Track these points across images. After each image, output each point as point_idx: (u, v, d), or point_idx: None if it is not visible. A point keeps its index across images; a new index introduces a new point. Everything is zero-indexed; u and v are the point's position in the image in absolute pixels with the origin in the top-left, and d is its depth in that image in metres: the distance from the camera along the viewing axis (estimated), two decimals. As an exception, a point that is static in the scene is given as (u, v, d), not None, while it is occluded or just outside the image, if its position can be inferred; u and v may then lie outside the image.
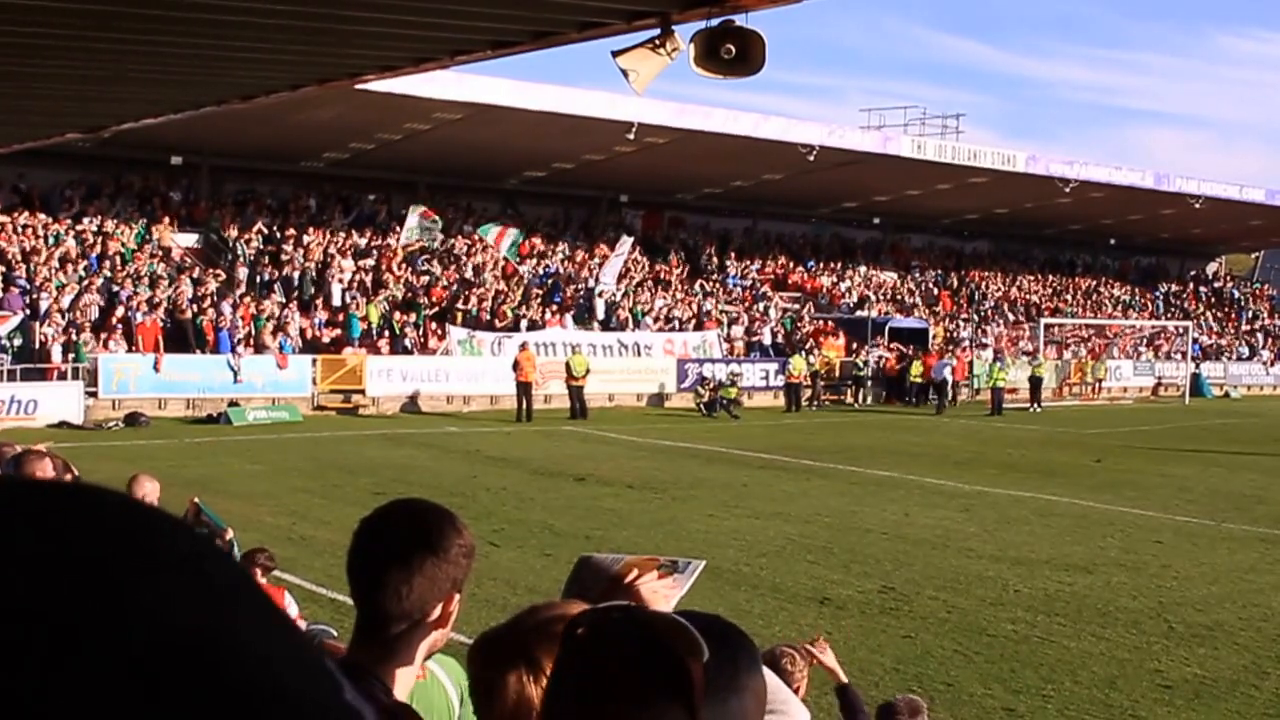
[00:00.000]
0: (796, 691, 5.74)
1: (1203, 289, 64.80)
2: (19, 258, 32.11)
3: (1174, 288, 63.57)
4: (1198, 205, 51.25)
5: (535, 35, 6.80)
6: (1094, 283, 60.76)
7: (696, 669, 1.56)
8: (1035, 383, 41.72)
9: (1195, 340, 53.35)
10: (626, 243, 40.60)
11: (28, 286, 31.01)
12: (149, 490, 9.18)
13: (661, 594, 2.73)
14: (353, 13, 6.49)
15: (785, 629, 11.28)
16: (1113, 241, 62.05)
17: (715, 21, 6.02)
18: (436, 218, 36.77)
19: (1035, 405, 40.93)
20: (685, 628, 1.60)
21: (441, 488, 19.67)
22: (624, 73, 6.34)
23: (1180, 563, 15.30)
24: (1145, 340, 54.28)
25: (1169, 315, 58.05)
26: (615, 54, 6.39)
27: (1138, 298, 60.78)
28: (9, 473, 6.78)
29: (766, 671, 1.92)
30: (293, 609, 7.94)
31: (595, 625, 1.64)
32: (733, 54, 5.90)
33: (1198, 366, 51.55)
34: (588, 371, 33.80)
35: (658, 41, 6.25)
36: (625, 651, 1.58)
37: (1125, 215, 55.17)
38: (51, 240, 33.45)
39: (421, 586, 2.35)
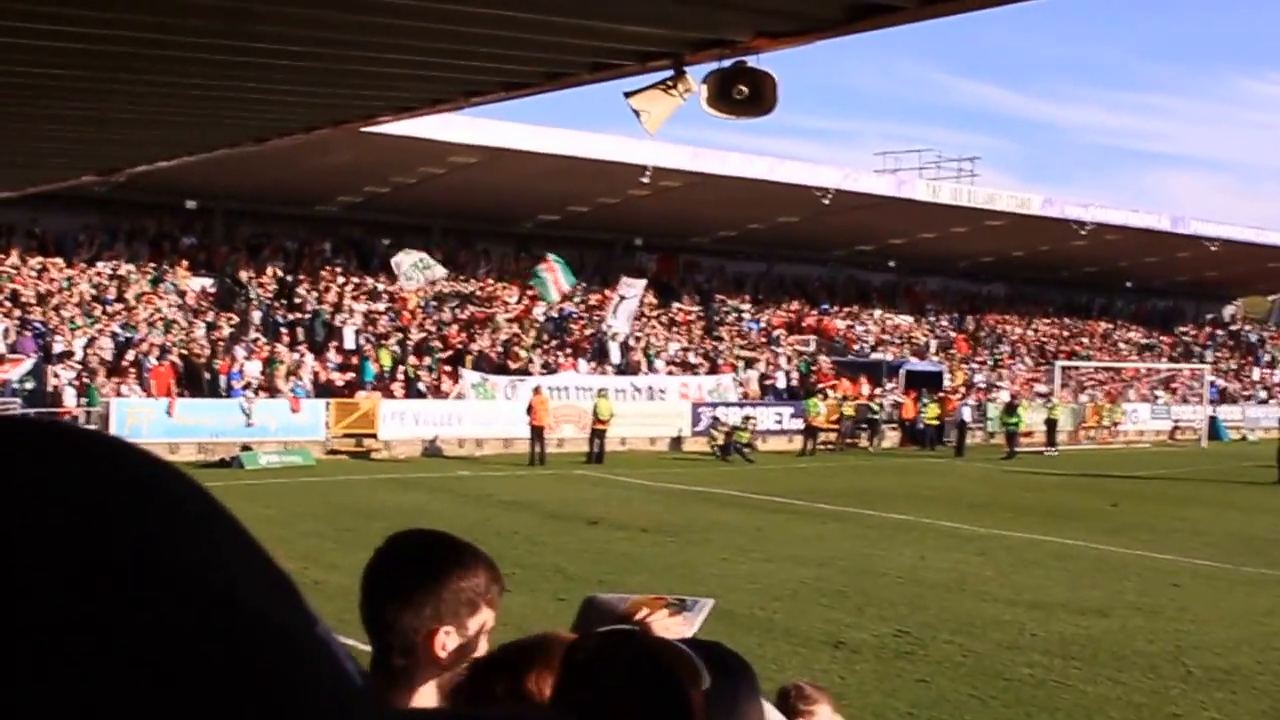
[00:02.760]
0: None
1: (1219, 332, 64.59)
2: (33, 301, 32.24)
3: (1190, 331, 63.38)
4: (1214, 248, 51.17)
5: (548, 76, 6.82)
6: (1110, 326, 60.62)
7: (697, 696, 1.54)
8: (1051, 425, 41.55)
9: (1213, 383, 53.10)
10: (639, 285, 40.61)
11: (42, 330, 31.12)
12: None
13: (672, 631, 2.71)
14: (366, 54, 6.52)
15: (799, 674, 11.16)
16: (1129, 284, 61.94)
17: (727, 63, 6.03)
18: (424, 256, 36.70)
19: (1051, 448, 40.74)
20: (687, 655, 1.58)
21: (453, 531, 19.55)
22: (636, 113, 6.34)
23: (1198, 606, 15.15)
24: (1162, 383, 54.06)
25: (1185, 359, 57.85)
26: (628, 95, 6.40)
27: (1155, 340, 60.60)
28: None
29: (766, 704, 1.90)
30: None
31: (597, 650, 1.62)
32: (745, 94, 5.90)
33: (1215, 410, 51.29)
34: (612, 416, 33.76)
35: (670, 82, 6.26)
36: (626, 677, 1.56)
37: (1142, 258, 55.09)
38: (65, 284, 33.60)
39: (405, 619, 2.31)
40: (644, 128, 6.29)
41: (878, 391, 43.01)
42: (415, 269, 36.35)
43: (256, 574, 0.59)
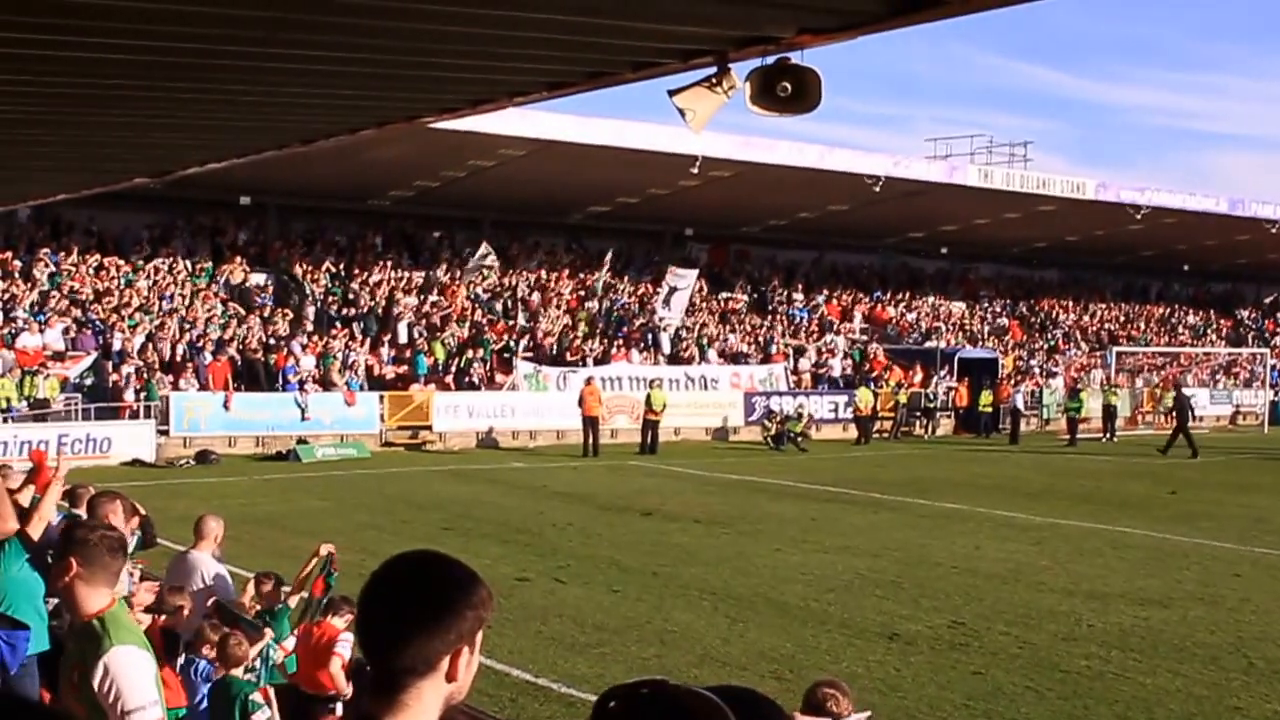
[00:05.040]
0: None
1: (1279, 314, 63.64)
2: (91, 298, 32.67)
3: (1250, 314, 62.52)
4: (1274, 230, 50.42)
5: (591, 75, 6.81)
6: (1167, 310, 59.91)
7: None
8: (1108, 412, 41.14)
9: (1274, 367, 52.35)
10: (690, 275, 40.58)
11: (101, 327, 31.54)
12: (215, 529, 9.30)
13: None
14: (410, 58, 6.55)
15: (852, 665, 11.16)
16: (1186, 268, 61.16)
17: (771, 59, 5.99)
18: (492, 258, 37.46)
19: (1108, 435, 40.35)
20: (714, 704, 1.60)
21: (508, 524, 19.72)
22: (681, 112, 6.31)
23: (1260, 596, 14.98)
24: (1222, 368, 53.36)
25: (1245, 342, 57.04)
26: (671, 93, 6.37)
27: (1213, 324, 59.85)
28: None
29: None
30: (346, 645, 8.13)
31: (627, 700, 1.65)
32: (788, 91, 5.86)
33: (1277, 394, 50.57)
34: (665, 407, 33.80)
35: (714, 80, 6.22)
36: None
37: (1199, 241, 54.34)
38: (123, 281, 34.01)
39: (421, 641, 2.36)
40: (689, 126, 6.27)
41: (932, 379, 42.77)
42: (481, 260, 37.02)
43: None
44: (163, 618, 8.13)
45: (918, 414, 41.52)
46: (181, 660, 7.71)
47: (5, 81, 7.17)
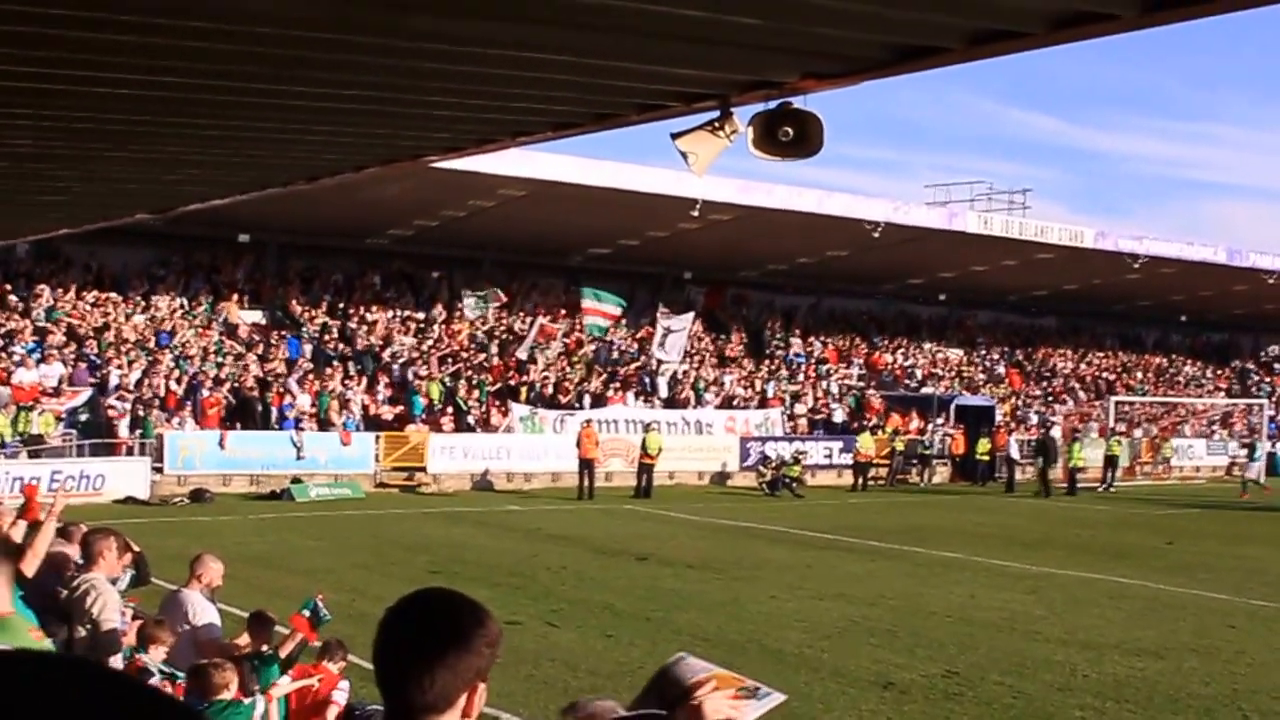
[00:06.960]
0: None
1: (1278, 365, 63.69)
2: (89, 334, 32.63)
3: (1248, 365, 62.56)
4: (1271, 280, 50.53)
5: (595, 117, 6.85)
6: (1164, 360, 59.96)
7: None
8: (1110, 461, 41.04)
9: (1272, 419, 52.33)
10: (685, 318, 40.60)
11: (97, 363, 31.48)
12: (214, 570, 9.21)
13: (725, 710, 2.79)
14: (415, 96, 6.58)
15: (845, 714, 11.08)
16: (1184, 318, 61.27)
17: (773, 104, 6.02)
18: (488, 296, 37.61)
19: (1104, 485, 40.29)
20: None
21: (500, 567, 19.62)
22: (683, 155, 6.33)
23: (1255, 648, 14.91)
24: (1219, 419, 53.33)
25: (1242, 393, 57.03)
26: (674, 136, 6.40)
27: (1210, 375, 59.89)
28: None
29: None
30: (343, 693, 8.01)
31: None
32: (790, 136, 5.89)
33: (1274, 445, 50.51)
34: (660, 450, 33.72)
35: (717, 124, 6.25)
36: None
37: (1197, 291, 54.46)
38: (121, 317, 33.98)
39: (444, 678, 2.37)
40: (691, 170, 6.29)
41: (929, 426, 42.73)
42: (480, 303, 37.08)
43: None
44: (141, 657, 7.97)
45: (914, 461, 41.43)
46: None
47: (19, 115, 7.20)
